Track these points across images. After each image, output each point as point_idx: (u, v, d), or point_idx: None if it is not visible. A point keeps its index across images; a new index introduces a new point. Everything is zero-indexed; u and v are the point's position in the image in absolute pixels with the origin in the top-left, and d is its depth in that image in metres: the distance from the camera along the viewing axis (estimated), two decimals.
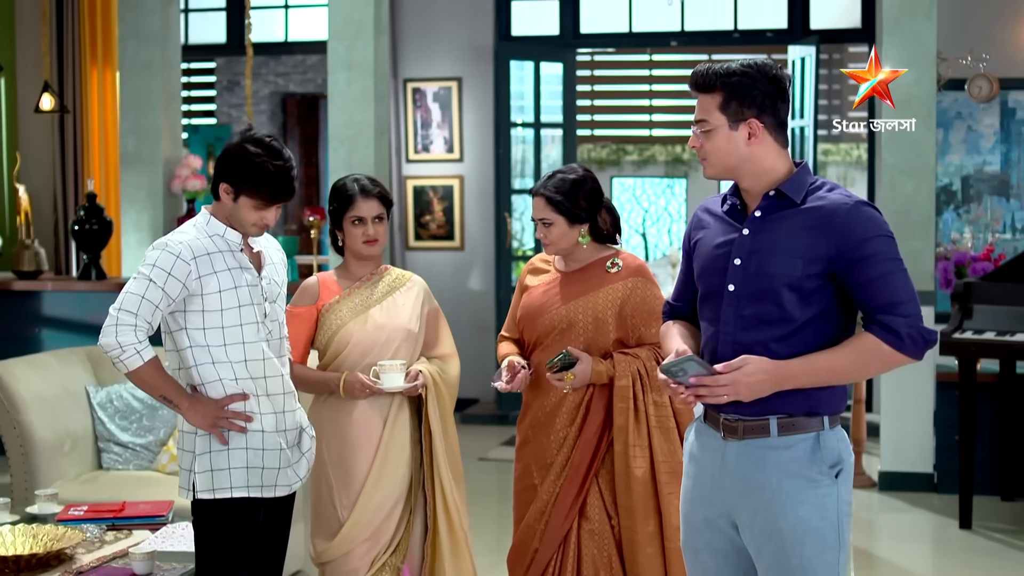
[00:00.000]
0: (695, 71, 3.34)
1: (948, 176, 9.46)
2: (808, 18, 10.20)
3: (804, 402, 3.28)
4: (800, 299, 3.24)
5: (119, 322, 3.85)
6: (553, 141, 10.85)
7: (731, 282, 3.32)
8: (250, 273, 4.01)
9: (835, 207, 3.25)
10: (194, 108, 14.17)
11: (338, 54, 8.39)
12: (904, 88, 7.91)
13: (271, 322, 4.07)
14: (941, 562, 7.03)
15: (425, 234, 10.87)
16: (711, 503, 3.40)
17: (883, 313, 3.21)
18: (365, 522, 4.54)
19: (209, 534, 4.01)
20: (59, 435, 5.95)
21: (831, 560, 3.30)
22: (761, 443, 3.29)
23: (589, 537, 4.39)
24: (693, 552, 3.50)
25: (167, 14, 8.74)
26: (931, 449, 8.04)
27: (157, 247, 3.93)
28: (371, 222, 4.61)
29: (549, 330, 4.47)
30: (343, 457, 4.57)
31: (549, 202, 4.45)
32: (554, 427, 4.46)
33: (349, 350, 4.58)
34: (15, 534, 4.54)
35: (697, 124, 3.34)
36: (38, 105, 9.32)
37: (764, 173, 3.33)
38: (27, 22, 10.28)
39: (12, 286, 8.85)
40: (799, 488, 3.26)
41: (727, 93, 3.29)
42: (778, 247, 3.26)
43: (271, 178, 3.93)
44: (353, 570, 4.55)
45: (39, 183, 10.15)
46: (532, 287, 4.61)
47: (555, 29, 10.65)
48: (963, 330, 7.32)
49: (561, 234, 4.46)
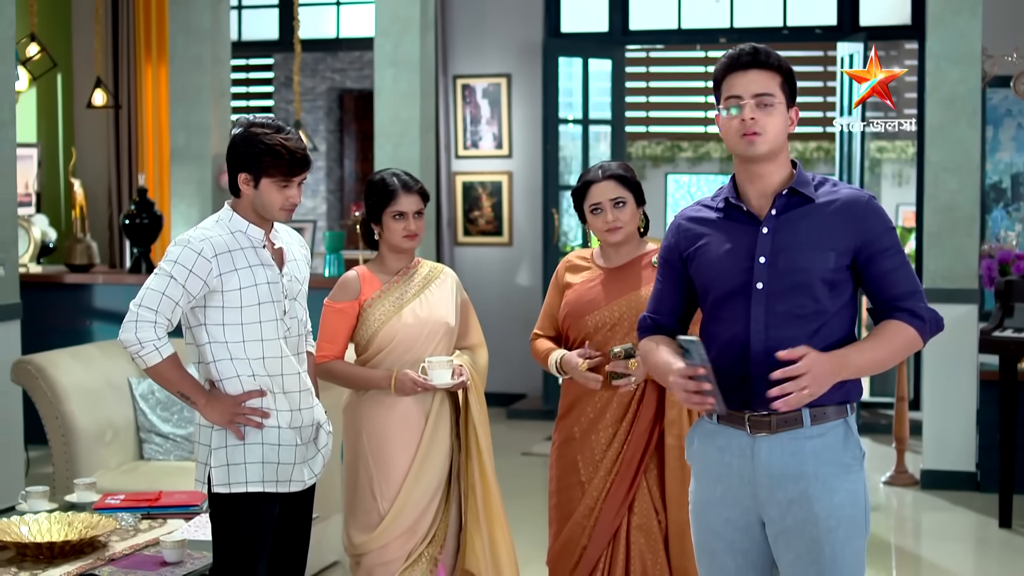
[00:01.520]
0: (754, 48, 3.37)
1: (998, 174, 9.38)
2: (858, 14, 10.15)
3: (837, 392, 3.31)
4: (831, 291, 3.31)
5: (139, 318, 3.90)
6: (602, 138, 10.87)
7: (759, 280, 3.34)
8: (271, 270, 4.05)
9: (853, 200, 3.35)
10: (252, 104, 14.29)
11: (384, 51, 8.46)
12: (949, 85, 7.88)
13: (290, 319, 4.11)
14: (978, 561, 7.00)
15: (474, 230, 10.92)
16: (737, 502, 3.41)
17: (905, 300, 3.32)
18: (406, 515, 4.58)
19: (225, 528, 4.07)
20: (101, 425, 6.06)
21: (860, 547, 3.37)
22: (795, 434, 3.32)
23: (638, 531, 4.39)
24: (711, 554, 3.49)
25: (217, 11, 8.85)
26: (974, 448, 8.00)
27: (179, 243, 3.97)
28: (412, 217, 4.65)
29: (597, 328, 4.43)
30: (384, 449, 4.61)
31: (621, 181, 4.43)
32: (604, 423, 4.44)
33: (393, 346, 4.61)
34: (51, 521, 4.62)
35: (757, 97, 3.33)
36: (90, 100, 9.47)
37: (785, 162, 3.42)
38: (83, 20, 10.44)
39: (64, 279, 9.03)
40: (834, 475, 3.32)
41: (784, 75, 3.37)
42: (806, 242, 3.31)
43: (286, 151, 3.97)
44: (390, 561, 4.58)
45: (94, 178, 10.32)
46: (575, 284, 4.55)
47: (604, 26, 10.66)
48: (1003, 328, 7.29)
49: (632, 215, 4.44)
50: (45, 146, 10.27)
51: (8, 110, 6.84)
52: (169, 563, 4.43)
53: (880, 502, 7.83)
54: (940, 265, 7.97)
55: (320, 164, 15.28)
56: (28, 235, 9.48)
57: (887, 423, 9.77)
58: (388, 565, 4.59)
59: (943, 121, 7.93)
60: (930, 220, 8.09)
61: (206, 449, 4.06)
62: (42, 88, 10.20)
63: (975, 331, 7.70)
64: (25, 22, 9.39)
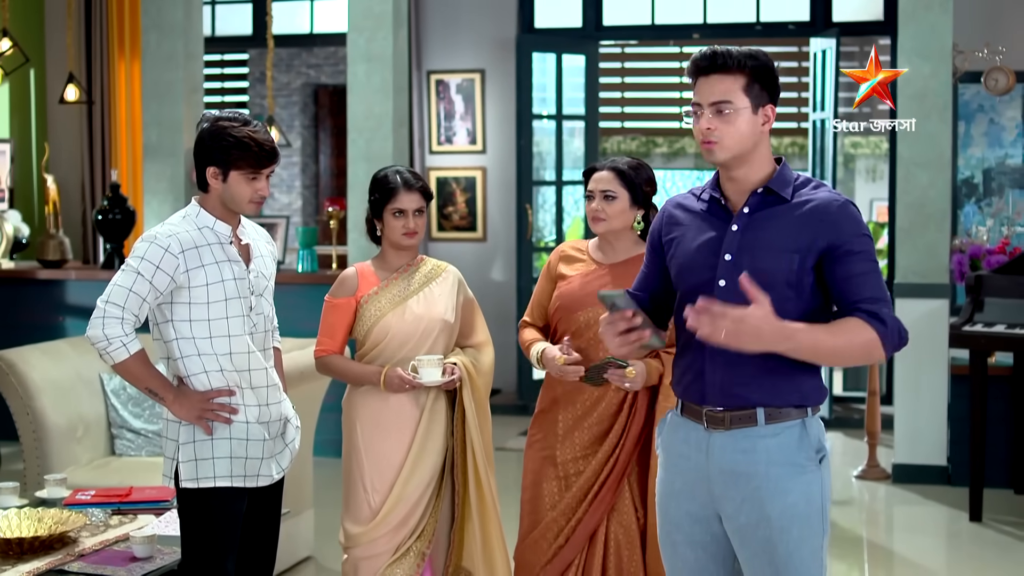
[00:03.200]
0: (712, 52, 3.30)
1: (970, 169, 9.43)
2: (831, 10, 10.18)
3: (792, 395, 3.30)
4: (795, 294, 3.26)
5: (106, 314, 3.91)
6: (576, 133, 10.89)
7: (721, 278, 3.32)
8: (238, 266, 4.05)
9: (827, 203, 3.28)
10: (228, 100, 14.27)
11: (358, 46, 8.47)
12: (920, 81, 7.91)
13: (256, 315, 4.11)
14: (949, 554, 7.04)
15: (448, 225, 10.92)
16: (694, 496, 3.41)
17: (870, 303, 3.22)
18: (399, 510, 4.59)
19: (193, 523, 4.08)
20: (72, 421, 6.06)
21: (816, 546, 3.33)
22: (749, 432, 3.30)
23: (618, 527, 4.39)
24: (672, 546, 3.50)
25: (189, 7, 8.83)
26: (945, 442, 8.04)
27: (146, 239, 3.98)
28: (412, 215, 4.67)
29: (588, 323, 4.39)
30: (378, 444, 4.62)
31: (619, 174, 4.41)
32: (590, 421, 4.42)
33: (388, 341, 4.63)
34: (20, 517, 4.63)
35: (714, 106, 3.28)
36: (63, 96, 9.44)
37: (761, 162, 3.35)
38: (55, 15, 10.41)
39: (37, 275, 9.01)
40: (787, 475, 3.28)
41: (750, 75, 3.29)
42: (771, 243, 3.28)
43: (255, 143, 3.98)
44: (378, 555, 4.60)
45: (67, 173, 10.28)
46: (569, 276, 4.51)
47: (578, 21, 10.68)
48: (973, 323, 7.32)
49: (620, 211, 4.40)
50: (18, 141, 10.23)
51: None
52: (139, 558, 4.45)
53: (852, 496, 7.87)
54: (911, 260, 8.01)
55: (295, 160, 15.28)
56: (0, 231, 9.45)
57: (859, 417, 9.82)
58: (375, 559, 4.60)
59: (914, 117, 7.96)
60: (902, 215, 8.13)
61: (174, 444, 4.06)
62: (14, 83, 10.17)
63: (946, 326, 7.74)
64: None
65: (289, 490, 4.61)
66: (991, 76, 8.44)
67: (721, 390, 3.32)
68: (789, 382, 3.29)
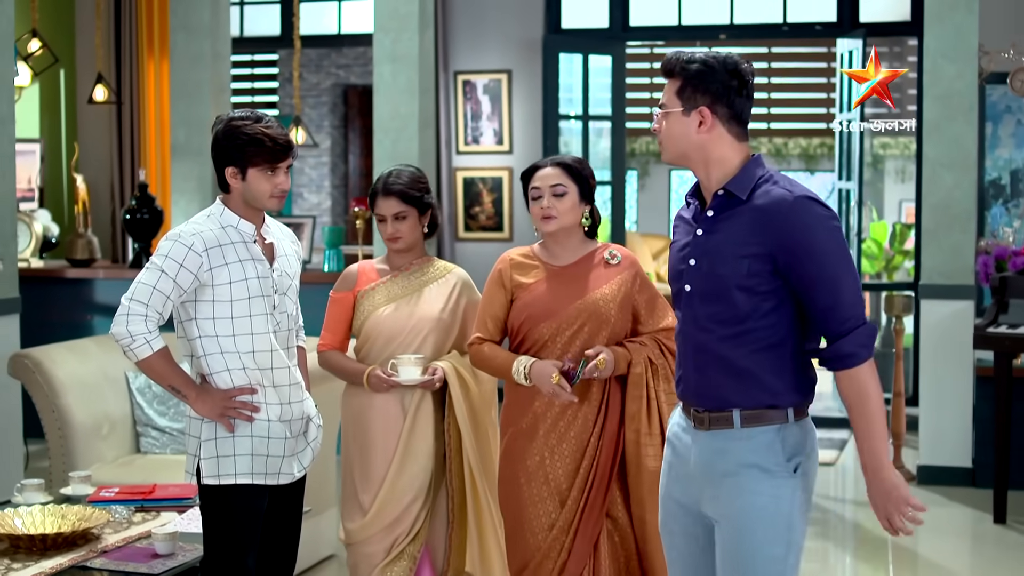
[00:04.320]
0: (664, 58, 3.42)
1: (997, 170, 9.39)
2: (858, 11, 10.15)
3: (762, 396, 3.32)
4: (752, 299, 3.27)
5: (130, 312, 3.94)
6: (603, 134, 10.89)
7: (687, 283, 3.40)
8: (262, 265, 4.08)
9: (776, 201, 3.25)
10: (258, 100, 14.33)
11: (383, 46, 8.49)
12: (946, 82, 7.90)
13: (280, 314, 4.14)
14: (973, 556, 7.03)
15: (474, 225, 10.94)
16: (684, 488, 3.48)
17: (828, 330, 3.25)
18: (389, 509, 4.63)
19: (214, 519, 4.11)
20: (97, 419, 6.10)
21: (778, 555, 3.32)
22: (726, 434, 3.35)
23: (614, 528, 4.36)
24: (669, 534, 3.57)
25: (217, 7, 8.87)
26: (969, 443, 8.01)
27: (170, 238, 4.00)
28: (390, 220, 4.67)
29: (559, 330, 4.29)
30: (363, 445, 4.68)
31: (566, 168, 4.34)
32: (576, 431, 4.32)
33: (376, 337, 4.67)
34: (44, 514, 4.66)
35: (660, 107, 3.41)
36: (92, 96, 9.51)
37: (714, 163, 3.36)
38: (85, 16, 10.48)
39: (66, 274, 9.08)
40: (755, 478, 3.31)
41: (684, 80, 3.35)
42: (726, 247, 3.30)
43: (268, 139, 4.01)
44: (372, 554, 4.65)
45: (96, 173, 10.36)
46: (528, 284, 4.37)
47: (604, 22, 10.67)
48: (999, 324, 7.31)
49: (571, 206, 4.32)
50: (48, 141, 10.32)
51: (7, 106, 6.88)
52: (160, 555, 4.47)
53: None
54: (936, 261, 7.99)
55: (324, 160, 15.32)
56: (30, 230, 9.53)
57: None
58: (370, 558, 4.65)
59: (940, 118, 7.95)
60: (927, 216, 8.11)
61: (196, 441, 4.10)
62: (44, 84, 10.25)
63: (971, 327, 7.72)
64: (27, 18, 9.45)
65: (311, 488, 4.63)
66: (1017, 77, 8.40)
67: (696, 391, 3.40)
68: (756, 382, 3.31)
